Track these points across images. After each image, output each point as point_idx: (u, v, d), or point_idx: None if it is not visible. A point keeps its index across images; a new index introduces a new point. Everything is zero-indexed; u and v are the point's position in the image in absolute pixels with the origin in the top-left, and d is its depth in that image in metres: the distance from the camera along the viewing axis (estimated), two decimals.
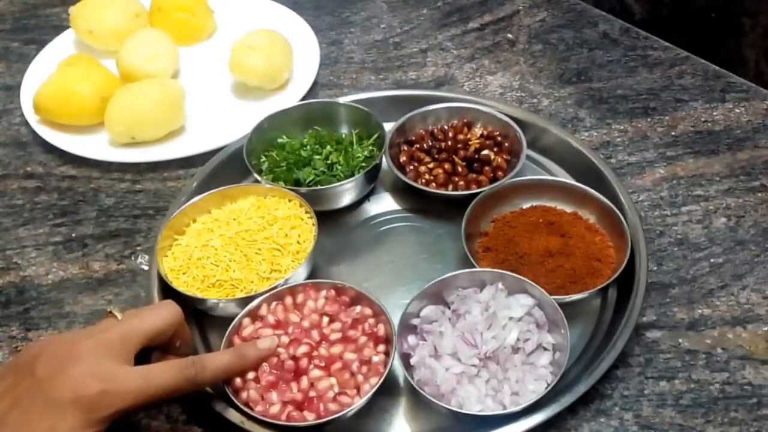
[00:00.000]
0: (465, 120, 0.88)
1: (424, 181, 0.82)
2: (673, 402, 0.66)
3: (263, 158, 0.85)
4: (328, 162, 0.83)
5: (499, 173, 0.82)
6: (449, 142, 0.85)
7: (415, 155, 0.85)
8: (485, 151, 0.84)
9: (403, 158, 0.85)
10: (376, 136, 0.84)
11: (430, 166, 0.84)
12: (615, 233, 0.76)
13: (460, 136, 0.86)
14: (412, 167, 0.84)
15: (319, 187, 0.80)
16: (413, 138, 0.87)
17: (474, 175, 0.83)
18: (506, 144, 0.85)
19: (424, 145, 0.86)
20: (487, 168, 0.83)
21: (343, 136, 0.87)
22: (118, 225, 0.85)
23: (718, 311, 0.72)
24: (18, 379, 0.56)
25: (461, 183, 0.82)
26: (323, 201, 0.81)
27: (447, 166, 0.83)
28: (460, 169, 0.83)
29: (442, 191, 0.81)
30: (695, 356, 0.69)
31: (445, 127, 0.87)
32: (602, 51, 1.02)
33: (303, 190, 0.79)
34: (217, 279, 0.72)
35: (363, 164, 0.82)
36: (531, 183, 0.81)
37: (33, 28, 1.14)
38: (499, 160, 0.83)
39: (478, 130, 0.87)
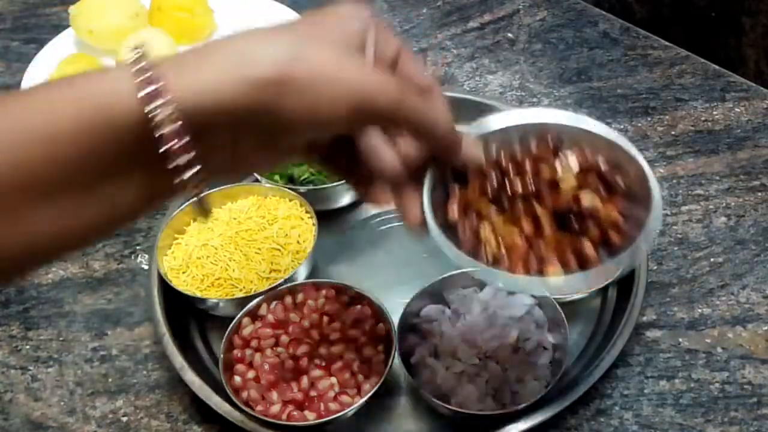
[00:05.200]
0: (550, 140, 0.51)
1: (490, 258, 0.48)
2: (673, 401, 0.66)
3: None
4: None
5: (614, 235, 0.47)
6: (530, 182, 0.49)
7: (471, 204, 0.49)
8: (587, 197, 0.48)
9: (454, 206, 0.50)
10: None
11: (499, 225, 0.48)
12: None
13: (545, 170, 0.49)
14: (467, 226, 0.49)
15: (318, 186, 0.80)
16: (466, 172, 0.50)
17: (570, 238, 0.47)
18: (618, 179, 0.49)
19: (488, 185, 0.49)
20: (592, 226, 0.47)
21: None
22: None
23: (718, 311, 0.72)
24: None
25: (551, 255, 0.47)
26: (323, 200, 0.80)
27: (526, 224, 0.48)
28: (547, 228, 0.48)
29: None
30: (695, 356, 0.69)
31: (519, 154, 0.50)
32: (602, 50, 1.02)
33: (303, 189, 0.79)
34: (217, 278, 0.72)
35: None
36: None
37: (33, 28, 1.14)
38: (612, 212, 0.47)
39: (572, 160, 0.50)
